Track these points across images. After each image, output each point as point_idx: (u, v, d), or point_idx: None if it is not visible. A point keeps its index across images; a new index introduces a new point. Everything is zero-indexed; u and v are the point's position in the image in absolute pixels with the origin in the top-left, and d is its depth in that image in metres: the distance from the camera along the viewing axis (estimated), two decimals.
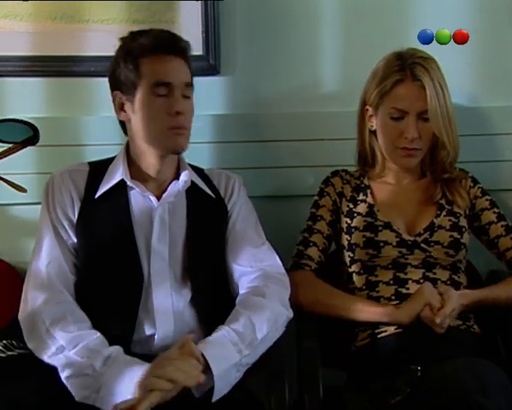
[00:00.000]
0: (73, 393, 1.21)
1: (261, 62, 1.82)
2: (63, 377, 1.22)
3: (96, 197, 1.42)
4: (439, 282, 1.51)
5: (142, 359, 1.24)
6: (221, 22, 1.77)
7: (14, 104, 1.80)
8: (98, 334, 1.28)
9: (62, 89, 1.81)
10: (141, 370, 1.18)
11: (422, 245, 1.53)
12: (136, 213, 1.41)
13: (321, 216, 1.62)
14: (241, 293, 1.42)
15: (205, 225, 1.46)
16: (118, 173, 1.43)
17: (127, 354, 1.25)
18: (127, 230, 1.40)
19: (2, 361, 1.28)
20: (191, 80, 1.44)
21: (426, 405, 1.24)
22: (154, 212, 1.41)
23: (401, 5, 1.82)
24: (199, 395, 1.22)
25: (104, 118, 1.70)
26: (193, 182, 1.46)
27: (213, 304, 1.41)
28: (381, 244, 1.53)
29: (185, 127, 1.41)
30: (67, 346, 1.24)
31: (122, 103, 1.43)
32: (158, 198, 1.42)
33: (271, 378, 1.39)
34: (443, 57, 1.55)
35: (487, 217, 1.61)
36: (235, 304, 1.39)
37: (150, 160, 1.43)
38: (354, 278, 1.58)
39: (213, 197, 1.49)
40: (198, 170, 1.54)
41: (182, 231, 1.43)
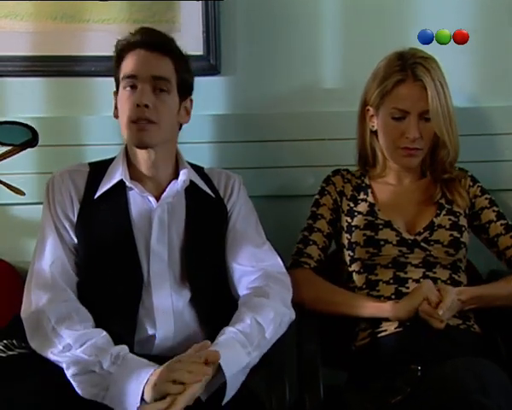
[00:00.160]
0: (80, 391, 1.20)
1: (261, 62, 1.82)
2: (69, 374, 1.22)
3: (96, 198, 1.41)
4: (439, 281, 1.52)
5: None
6: (221, 22, 1.77)
7: (14, 104, 1.80)
8: (104, 333, 1.28)
9: (63, 89, 1.81)
10: (149, 371, 1.18)
11: (422, 244, 1.53)
12: (135, 213, 1.41)
13: (321, 215, 1.62)
14: (244, 294, 1.41)
15: (204, 226, 1.45)
16: (117, 174, 1.42)
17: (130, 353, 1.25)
18: (126, 230, 1.39)
19: (2, 361, 1.27)
20: (177, 76, 1.41)
21: (426, 405, 1.24)
22: (153, 213, 1.41)
23: (401, 5, 1.82)
24: (205, 398, 1.21)
25: (105, 118, 1.70)
26: (192, 181, 1.46)
27: (213, 304, 1.41)
28: (382, 243, 1.53)
29: (151, 121, 1.37)
30: (74, 344, 1.24)
31: (116, 102, 1.45)
32: (157, 199, 1.42)
33: (272, 378, 1.39)
34: (443, 57, 1.55)
35: (487, 216, 1.61)
36: (235, 304, 1.38)
37: (139, 157, 1.43)
38: (354, 278, 1.58)
39: (213, 197, 1.49)
40: (198, 169, 1.53)
41: (181, 232, 1.43)
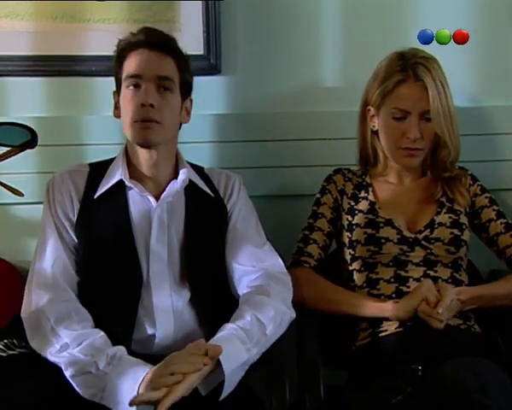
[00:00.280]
0: (80, 391, 1.21)
1: (262, 62, 1.82)
2: (68, 375, 1.22)
3: (96, 198, 1.41)
4: (440, 280, 1.51)
5: (142, 359, 1.24)
6: (222, 22, 1.77)
7: (15, 104, 1.80)
8: (102, 333, 1.28)
9: (63, 88, 1.81)
10: (145, 370, 1.18)
11: (423, 242, 1.53)
12: (134, 213, 1.41)
13: (322, 214, 1.62)
14: (245, 292, 1.41)
15: (204, 225, 1.45)
16: (117, 174, 1.42)
17: (127, 354, 1.25)
18: (126, 230, 1.40)
19: (2, 361, 1.28)
20: (179, 75, 1.42)
21: (426, 404, 1.24)
22: (153, 213, 1.40)
23: (401, 5, 1.82)
24: (205, 393, 1.22)
25: (105, 117, 1.69)
26: (192, 181, 1.46)
27: (213, 304, 1.41)
28: (383, 241, 1.53)
29: (155, 121, 1.37)
30: (71, 344, 1.25)
31: (116, 102, 1.45)
32: (157, 198, 1.41)
33: (272, 377, 1.39)
34: (443, 57, 1.55)
35: (487, 214, 1.61)
36: (234, 304, 1.38)
37: (140, 157, 1.43)
38: (355, 276, 1.58)
39: (212, 197, 1.49)
40: (197, 168, 1.53)
41: (180, 232, 1.43)
